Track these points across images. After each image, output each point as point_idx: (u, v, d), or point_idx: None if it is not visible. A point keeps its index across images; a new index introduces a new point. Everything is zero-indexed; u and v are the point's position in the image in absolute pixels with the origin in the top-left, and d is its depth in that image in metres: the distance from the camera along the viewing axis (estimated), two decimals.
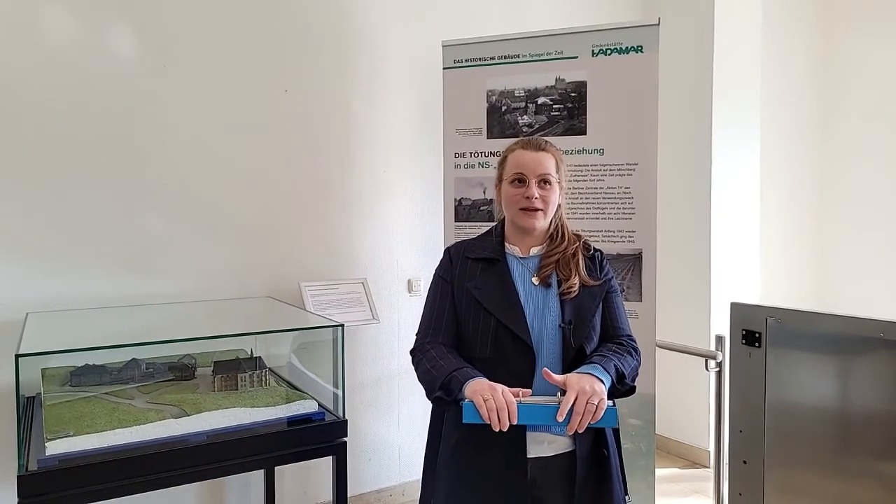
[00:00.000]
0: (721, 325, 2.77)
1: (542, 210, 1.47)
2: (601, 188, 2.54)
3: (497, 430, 1.26)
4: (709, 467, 3.48)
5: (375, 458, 3.07)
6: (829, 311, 1.88)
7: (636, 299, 2.50)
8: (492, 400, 1.26)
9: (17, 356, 1.59)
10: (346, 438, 2.01)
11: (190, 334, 2.03)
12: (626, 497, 1.51)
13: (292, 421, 1.96)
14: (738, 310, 2.10)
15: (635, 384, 1.45)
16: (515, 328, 1.41)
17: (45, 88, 2.32)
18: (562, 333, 1.43)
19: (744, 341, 2.06)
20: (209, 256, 2.64)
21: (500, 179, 1.55)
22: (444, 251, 1.60)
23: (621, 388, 1.41)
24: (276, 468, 2.63)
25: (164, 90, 2.54)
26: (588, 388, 1.28)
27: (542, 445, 1.43)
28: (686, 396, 3.57)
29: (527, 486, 1.39)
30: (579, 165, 2.56)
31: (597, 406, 1.27)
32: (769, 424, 2.00)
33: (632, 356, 1.48)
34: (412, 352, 1.52)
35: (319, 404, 2.05)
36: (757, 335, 2.02)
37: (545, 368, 1.34)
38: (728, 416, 2.14)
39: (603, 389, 1.31)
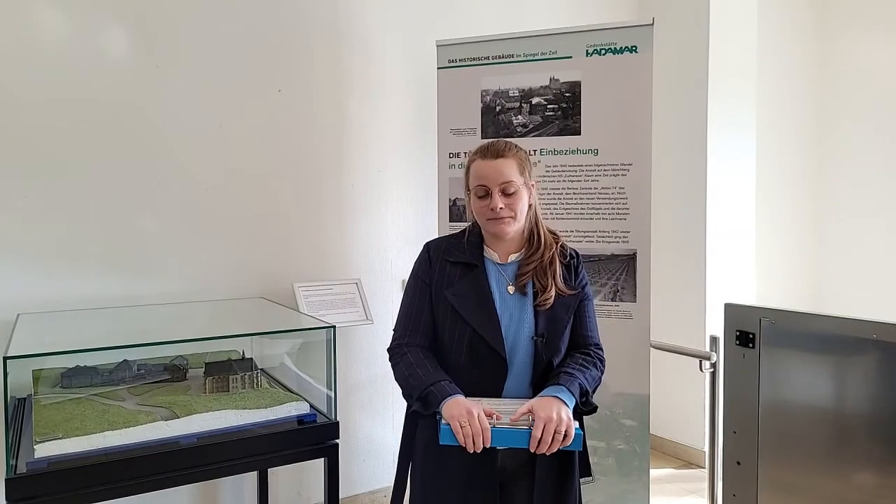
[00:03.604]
0: (715, 325, 2.77)
1: (510, 217, 1.47)
2: (595, 188, 2.53)
3: (472, 451, 1.32)
4: (704, 468, 3.48)
5: (370, 459, 3.06)
6: (822, 313, 1.88)
7: (630, 300, 2.50)
8: (468, 426, 1.32)
9: (5, 358, 1.58)
10: (337, 440, 2.00)
11: (182, 335, 2.01)
12: (591, 478, 1.60)
13: (284, 423, 1.95)
14: (731, 310, 2.10)
15: (596, 403, 1.49)
16: (491, 339, 1.45)
17: (38, 88, 2.31)
18: (534, 346, 1.48)
19: (737, 342, 2.06)
20: (202, 257, 2.62)
21: (466, 187, 1.55)
22: (424, 247, 1.61)
23: (584, 408, 1.45)
24: (269, 470, 2.62)
25: (157, 90, 2.52)
26: (555, 415, 1.33)
27: None
28: (681, 397, 3.56)
29: (496, 474, 1.45)
30: (573, 165, 2.55)
31: (564, 433, 1.33)
32: (763, 425, 2.00)
33: (596, 368, 1.52)
34: (389, 351, 1.56)
35: (312, 406, 2.04)
36: (751, 336, 2.02)
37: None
38: (722, 416, 2.14)
39: (569, 416, 1.35)
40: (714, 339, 2.48)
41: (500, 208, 1.45)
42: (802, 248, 4.29)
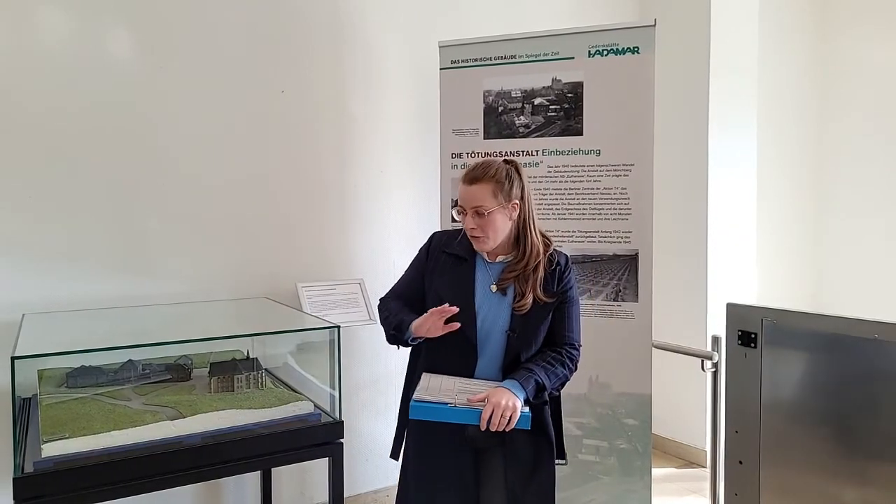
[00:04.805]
0: (717, 325, 2.78)
1: (482, 236, 1.63)
2: (597, 189, 2.54)
3: (451, 320, 1.57)
4: (706, 467, 3.48)
5: (372, 459, 3.07)
6: (824, 312, 1.89)
7: (632, 300, 2.51)
8: (428, 317, 1.59)
9: (13, 358, 1.59)
10: (342, 440, 2.01)
11: (186, 335, 2.02)
12: (564, 461, 1.77)
13: (288, 422, 1.96)
14: (733, 310, 2.10)
15: (547, 398, 1.68)
16: (464, 327, 1.61)
17: (41, 89, 2.32)
18: (506, 339, 1.64)
19: (739, 342, 2.06)
20: (206, 257, 2.63)
21: None
22: (430, 236, 1.82)
23: (535, 401, 1.61)
24: (272, 469, 2.63)
25: (161, 92, 2.53)
26: (503, 402, 1.51)
27: None
28: (682, 396, 3.57)
29: (466, 441, 1.66)
30: (576, 166, 2.56)
31: (510, 417, 1.50)
32: (764, 425, 2.00)
33: (564, 367, 1.67)
34: (380, 300, 1.82)
35: (316, 405, 2.05)
36: (752, 336, 2.02)
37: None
38: (724, 416, 2.15)
39: (515, 404, 1.52)
40: (716, 339, 2.49)
41: (472, 228, 1.62)
42: (803, 248, 4.30)
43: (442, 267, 1.71)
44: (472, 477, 1.69)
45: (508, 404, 1.51)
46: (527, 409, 1.56)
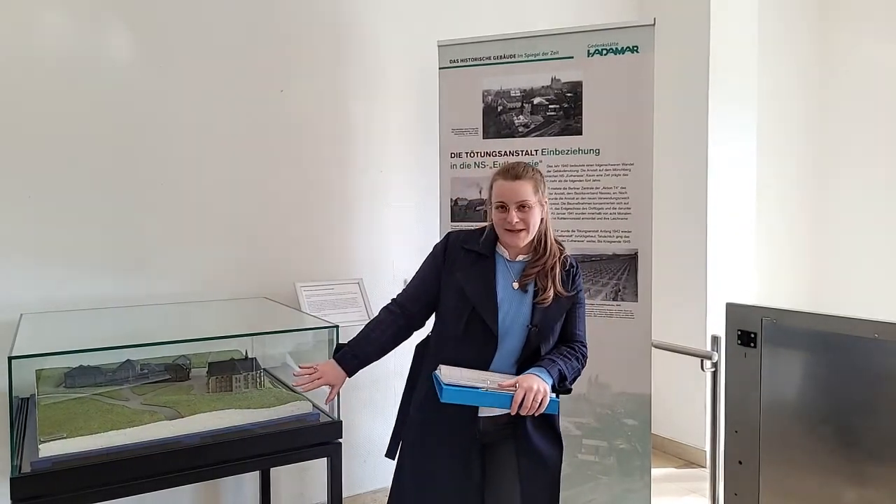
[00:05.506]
0: (717, 325, 2.77)
1: (523, 230, 1.68)
2: (597, 188, 2.54)
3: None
4: (705, 467, 3.48)
5: (371, 459, 3.07)
6: (824, 312, 1.88)
7: (632, 300, 2.51)
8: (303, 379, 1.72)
9: (10, 358, 1.59)
10: (340, 440, 2.00)
11: (185, 335, 2.02)
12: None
13: (287, 422, 1.95)
14: (733, 310, 2.10)
15: (572, 387, 1.72)
16: (487, 319, 1.67)
17: (41, 89, 2.32)
18: (527, 333, 1.69)
19: (739, 342, 2.06)
20: (204, 257, 2.63)
21: (489, 202, 1.77)
22: (445, 236, 1.85)
23: (560, 388, 1.67)
24: (271, 469, 2.63)
25: (160, 91, 2.53)
26: (535, 386, 1.57)
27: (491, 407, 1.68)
28: (682, 396, 3.57)
29: (477, 434, 1.69)
30: (575, 166, 2.56)
31: (541, 401, 1.56)
32: (764, 425, 2.00)
33: (578, 361, 1.75)
34: (389, 302, 1.86)
35: (314, 405, 2.04)
36: (752, 335, 2.02)
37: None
38: (724, 416, 2.14)
39: (547, 387, 1.59)
40: (715, 339, 2.49)
41: (516, 222, 1.66)
42: (803, 248, 4.29)
43: (462, 263, 1.75)
44: (479, 469, 1.71)
45: (540, 389, 1.56)
46: (554, 394, 1.61)
